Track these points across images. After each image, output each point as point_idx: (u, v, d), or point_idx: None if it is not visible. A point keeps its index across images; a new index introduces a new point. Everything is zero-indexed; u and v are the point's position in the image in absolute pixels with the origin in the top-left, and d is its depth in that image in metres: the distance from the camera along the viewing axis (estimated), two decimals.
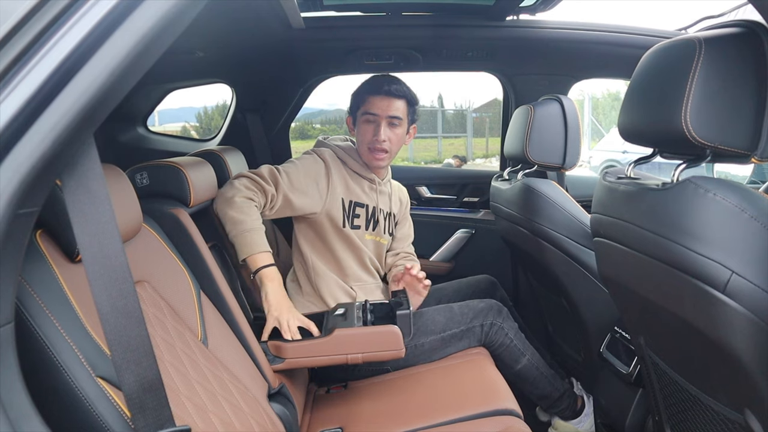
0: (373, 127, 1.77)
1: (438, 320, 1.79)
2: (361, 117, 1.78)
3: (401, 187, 2.09)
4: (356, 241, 1.82)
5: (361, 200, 1.83)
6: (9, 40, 0.64)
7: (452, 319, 1.79)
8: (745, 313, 0.85)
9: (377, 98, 1.76)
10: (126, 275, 0.74)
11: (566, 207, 1.79)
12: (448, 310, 1.82)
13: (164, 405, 0.78)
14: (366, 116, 1.77)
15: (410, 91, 1.81)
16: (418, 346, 1.76)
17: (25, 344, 0.75)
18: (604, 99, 14.62)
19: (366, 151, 1.80)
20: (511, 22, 2.21)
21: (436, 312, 1.82)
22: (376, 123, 1.76)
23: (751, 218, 0.85)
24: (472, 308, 1.82)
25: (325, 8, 2.16)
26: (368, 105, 1.77)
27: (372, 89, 1.77)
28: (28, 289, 0.79)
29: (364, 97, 1.78)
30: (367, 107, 1.77)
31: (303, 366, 1.55)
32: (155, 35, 0.67)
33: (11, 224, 0.64)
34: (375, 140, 1.76)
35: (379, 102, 1.76)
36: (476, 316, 1.80)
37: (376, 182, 1.87)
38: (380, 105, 1.76)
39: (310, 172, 1.74)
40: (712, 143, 0.92)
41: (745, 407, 0.96)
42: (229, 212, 1.58)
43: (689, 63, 0.91)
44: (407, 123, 1.83)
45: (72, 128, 0.65)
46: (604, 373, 1.72)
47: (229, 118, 2.61)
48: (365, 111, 1.77)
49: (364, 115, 1.77)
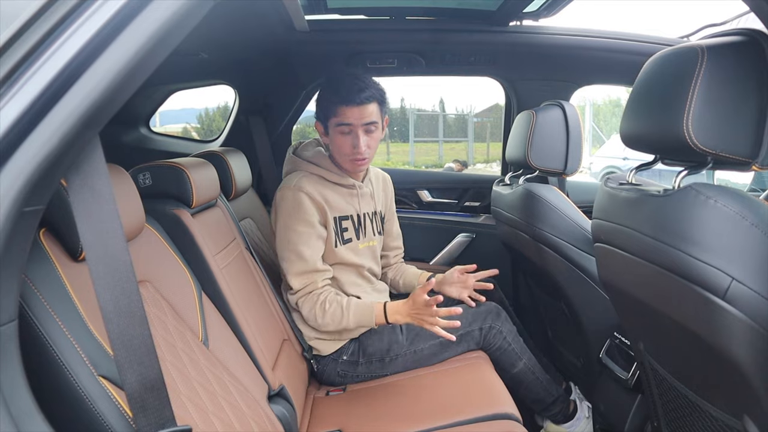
0: (351, 138, 1.68)
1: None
2: (335, 128, 1.69)
3: (384, 176, 2.03)
4: (351, 257, 1.80)
5: (346, 212, 1.79)
6: (18, 39, 0.65)
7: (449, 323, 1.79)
8: (744, 319, 0.85)
9: (349, 108, 1.65)
10: (129, 274, 0.75)
11: (567, 212, 1.79)
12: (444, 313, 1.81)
13: (166, 404, 0.78)
14: (340, 127, 1.68)
15: (379, 89, 1.71)
16: (417, 352, 1.76)
17: (28, 342, 0.76)
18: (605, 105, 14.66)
19: (347, 162, 1.73)
20: (514, 27, 2.22)
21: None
22: (353, 134, 1.68)
23: (752, 225, 0.86)
24: (470, 311, 1.81)
25: (329, 11, 2.17)
26: (341, 116, 1.66)
27: (343, 100, 1.65)
28: (31, 287, 0.80)
29: (335, 108, 1.66)
30: (341, 118, 1.67)
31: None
32: (161, 37, 0.67)
33: (17, 221, 0.65)
34: (356, 152, 1.69)
35: (352, 112, 1.65)
36: (474, 319, 1.79)
37: (357, 186, 1.81)
38: (354, 115, 1.65)
39: (301, 221, 1.69)
40: (713, 150, 0.92)
41: (744, 413, 0.96)
42: (330, 326, 1.68)
43: (692, 70, 0.92)
44: (381, 122, 1.75)
45: (78, 128, 0.66)
46: (603, 378, 1.72)
47: (231, 119, 2.62)
48: (339, 122, 1.67)
49: (339, 126, 1.68)
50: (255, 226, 2.09)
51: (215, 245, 1.53)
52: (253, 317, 1.53)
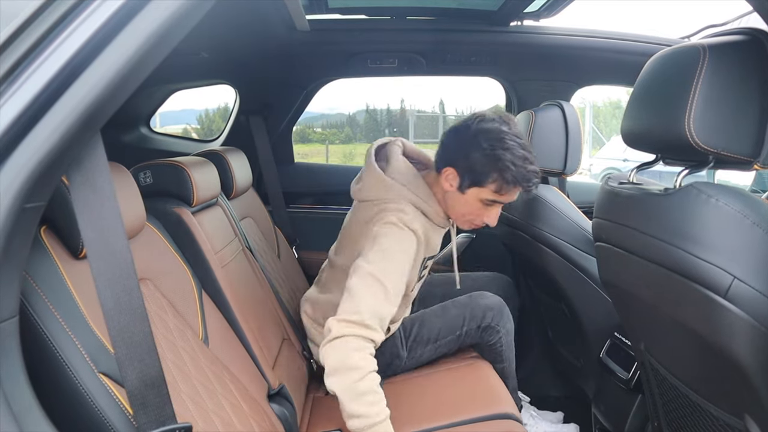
0: (488, 212, 1.53)
1: (433, 327, 1.76)
2: (483, 196, 1.49)
3: None
4: (413, 293, 1.71)
5: (435, 252, 1.68)
6: (18, 36, 0.65)
7: (446, 324, 1.76)
8: (746, 318, 0.85)
9: (515, 191, 1.50)
10: (131, 272, 0.75)
11: (568, 213, 1.79)
12: (442, 313, 1.78)
13: (166, 402, 0.78)
14: (489, 201, 1.50)
15: None
16: (415, 357, 1.75)
17: (28, 339, 0.76)
18: (605, 107, 14.67)
19: (462, 222, 1.59)
20: (514, 27, 2.22)
21: (432, 316, 1.78)
22: (495, 207, 1.54)
23: (754, 224, 0.86)
24: (469, 307, 1.78)
25: (329, 11, 2.17)
26: (501, 195, 1.48)
27: (518, 182, 1.45)
28: (32, 284, 0.80)
29: (501, 186, 1.46)
30: (498, 197, 1.49)
31: None
32: (161, 36, 0.67)
33: (18, 218, 0.65)
34: (484, 223, 1.56)
35: (512, 195, 1.51)
36: (473, 317, 1.76)
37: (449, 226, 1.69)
38: (513, 197, 1.52)
39: (407, 259, 1.47)
40: (714, 149, 0.92)
41: (745, 413, 0.96)
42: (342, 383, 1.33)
43: (693, 69, 0.92)
44: None
45: (79, 125, 0.66)
46: (603, 378, 1.72)
47: (231, 119, 2.61)
48: (495, 200, 1.49)
49: (491, 197, 1.49)
50: (255, 226, 2.09)
51: (216, 244, 1.53)
52: (253, 316, 1.52)
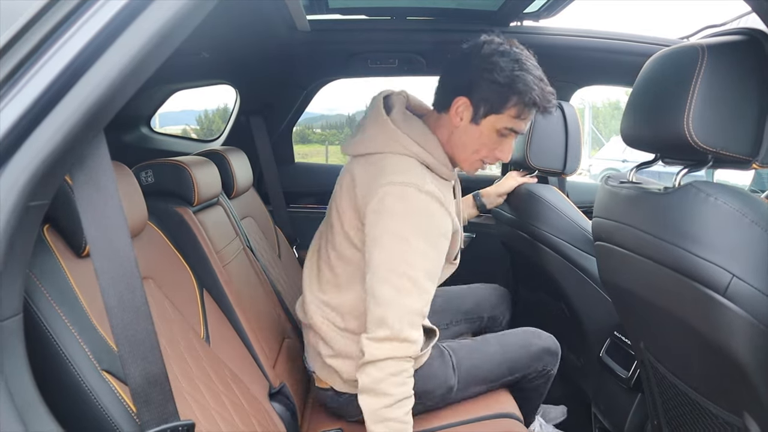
0: (503, 144, 1.37)
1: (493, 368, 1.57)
2: (499, 127, 1.33)
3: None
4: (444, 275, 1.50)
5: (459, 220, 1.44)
6: (21, 36, 0.65)
7: (509, 366, 1.58)
8: (745, 316, 0.85)
9: (531, 114, 1.35)
10: (134, 270, 0.75)
11: (567, 212, 1.80)
12: (502, 351, 1.58)
13: (169, 399, 0.78)
14: (506, 130, 1.34)
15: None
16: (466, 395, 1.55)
17: (32, 337, 0.76)
18: (605, 108, 14.68)
19: (469, 163, 1.40)
20: (514, 28, 2.22)
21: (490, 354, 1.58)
22: (509, 139, 1.37)
23: (752, 223, 0.86)
24: (528, 349, 1.61)
25: (330, 11, 2.17)
26: (524, 119, 1.33)
27: (535, 103, 1.30)
28: (36, 282, 0.80)
29: (519, 109, 1.31)
30: (517, 123, 1.33)
31: None
32: (163, 36, 0.68)
33: (21, 216, 0.65)
34: (493, 159, 1.40)
35: (529, 120, 1.36)
36: (531, 362, 1.60)
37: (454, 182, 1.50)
38: (528, 123, 1.37)
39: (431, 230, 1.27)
40: (713, 148, 0.93)
41: (744, 411, 0.96)
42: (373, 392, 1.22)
43: (692, 69, 0.92)
44: None
45: (82, 125, 0.66)
46: (603, 377, 1.72)
47: (232, 119, 2.62)
48: (512, 127, 1.33)
49: (509, 124, 1.33)
50: (256, 225, 2.09)
51: (217, 243, 1.53)
52: (254, 315, 1.53)
